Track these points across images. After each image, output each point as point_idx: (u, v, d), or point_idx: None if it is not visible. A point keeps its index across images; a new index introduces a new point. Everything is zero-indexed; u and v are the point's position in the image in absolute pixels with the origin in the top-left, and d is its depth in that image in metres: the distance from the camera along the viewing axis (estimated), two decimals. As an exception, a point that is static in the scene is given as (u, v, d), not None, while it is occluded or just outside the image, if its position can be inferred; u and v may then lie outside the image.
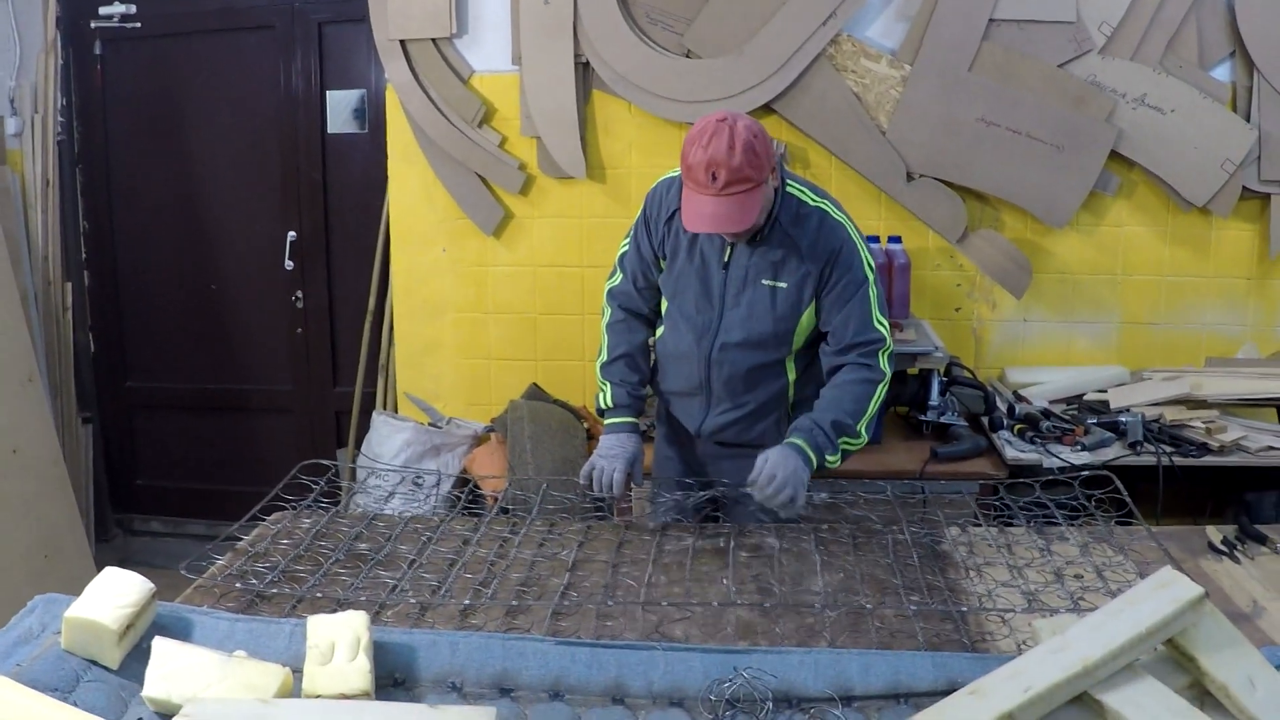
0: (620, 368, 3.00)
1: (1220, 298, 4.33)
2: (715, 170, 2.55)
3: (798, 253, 2.78)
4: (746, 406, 2.95)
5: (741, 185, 2.57)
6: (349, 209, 5.02)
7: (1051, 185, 4.15)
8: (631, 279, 3.02)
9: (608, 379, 3.00)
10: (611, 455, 2.87)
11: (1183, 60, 4.09)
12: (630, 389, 2.97)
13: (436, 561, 2.46)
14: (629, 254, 3.03)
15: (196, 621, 1.99)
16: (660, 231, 2.92)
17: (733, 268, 2.84)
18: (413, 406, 4.70)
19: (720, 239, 2.82)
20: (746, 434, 2.98)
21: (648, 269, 2.99)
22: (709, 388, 2.95)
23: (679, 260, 2.90)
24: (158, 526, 5.54)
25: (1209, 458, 3.62)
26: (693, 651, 1.92)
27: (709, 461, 3.09)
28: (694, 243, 2.87)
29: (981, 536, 2.60)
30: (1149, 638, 1.65)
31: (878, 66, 4.18)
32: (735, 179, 2.56)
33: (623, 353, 3.01)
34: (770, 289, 2.81)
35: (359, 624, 1.86)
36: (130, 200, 5.22)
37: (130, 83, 5.12)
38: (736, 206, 2.60)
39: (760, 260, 2.81)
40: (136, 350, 5.39)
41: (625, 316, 3.04)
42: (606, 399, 2.98)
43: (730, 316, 2.86)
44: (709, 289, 2.88)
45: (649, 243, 2.96)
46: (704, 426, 3.00)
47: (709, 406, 2.98)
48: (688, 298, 2.91)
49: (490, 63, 4.42)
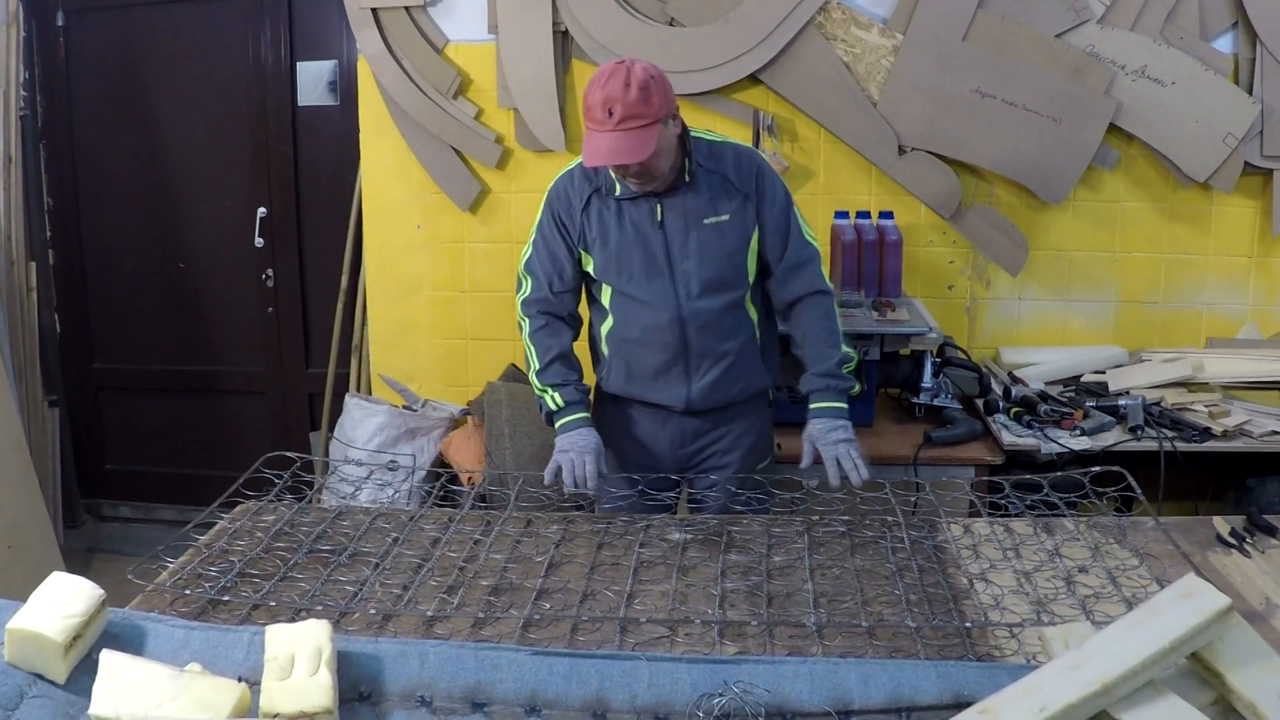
0: (558, 370, 2.94)
1: (1220, 276, 4.27)
2: (611, 106, 2.62)
3: (727, 183, 2.86)
4: (726, 359, 2.93)
5: (636, 121, 2.63)
6: (321, 184, 4.92)
7: (1048, 159, 4.06)
8: (546, 283, 2.96)
9: (547, 384, 2.94)
10: (578, 449, 2.84)
11: (1184, 31, 4.00)
12: (574, 386, 2.94)
13: (402, 566, 2.34)
14: (536, 259, 2.98)
15: (150, 630, 1.86)
16: (578, 222, 2.91)
17: (669, 223, 2.85)
18: (387, 388, 4.61)
19: (647, 202, 2.84)
20: (729, 392, 2.96)
21: (563, 269, 2.95)
22: (687, 351, 2.91)
23: (610, 240, 2.89)
24: (127, 512, 5.48)
25: (1212, 443, 3.53)
26: (679, 663, 1.79)
27: (686, 443, 3.05)
28: (621, 216, 2.87)
29: (986, 537, 2.49)
30: (1171, 652, 1.54)
31: (868, 35, 4.07)
32: (629, 114, 2.62)
33: (555, 354, 2.95)
34: (714, 225, 2.85)
35: (321, 634, 1.74)
36: (96, 176, 5.12)
37: (94, 55, 5.00)
38: (632, 140, 2.64)
39: (694, 203, 2.85)
40: (103, 331, 5.29)
41: (546, 321, 2.97)
42: (555, 401, 2.93)
43: (684, 268, 2.86)
44: (652, 253, 2.86)
45: (564, 239, 2.93)
46: (691, 396, 2.94)
47: (690, 374, 2.93)
48: (634, 270, 2.88)
49: (465, 31, 4.34)
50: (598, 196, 2.88)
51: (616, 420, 3.08)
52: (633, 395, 3.03)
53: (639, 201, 2.84)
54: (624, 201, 2.85)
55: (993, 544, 2.44)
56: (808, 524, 2.56)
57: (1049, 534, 2.47)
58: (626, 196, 2.84)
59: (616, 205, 2.86)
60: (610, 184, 2.85)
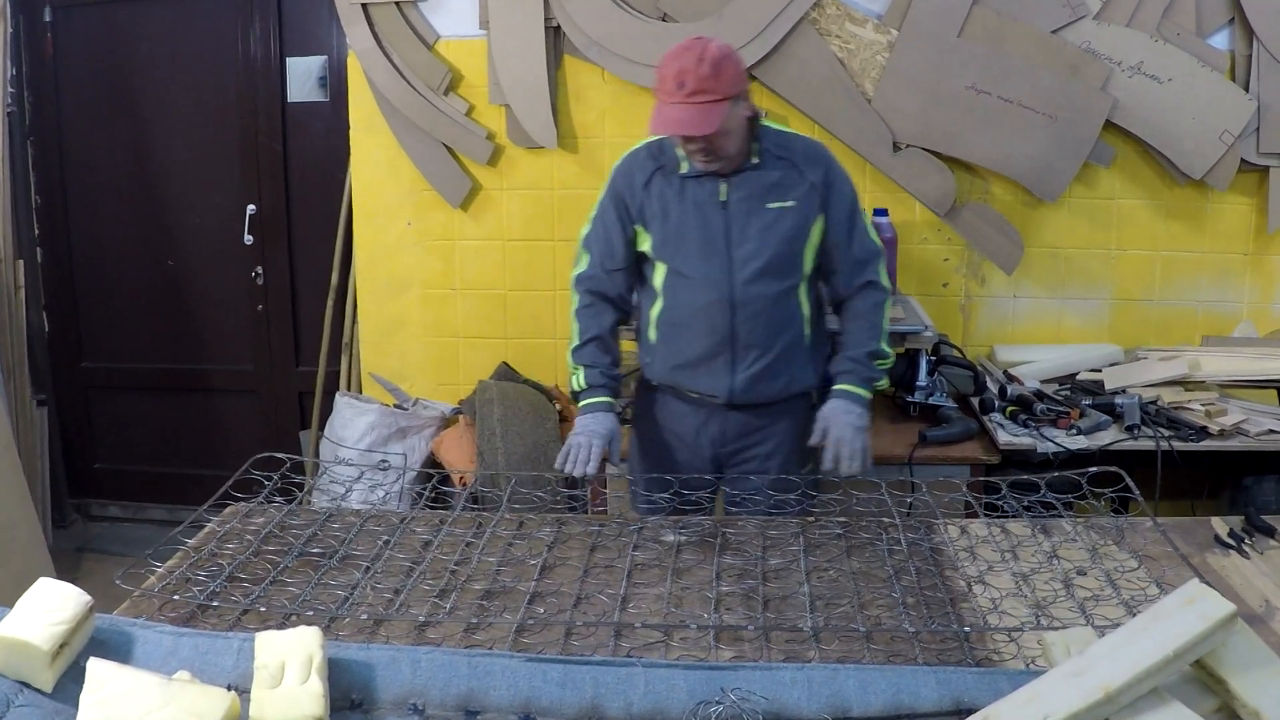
0: (591, 351, 2.97)
1: (1216, 274, 4.25)
2: (683, 78, 2.65)
3: (795, 169, 2.86)
4: (772, 350, 2.91)
5: (705, 95, 2.64)
6: (310, 181, 4.88)
7: (1044, 156, 4.04)
8: (600, 261, 2.98)
9: (579, 363, 2.98)
10: (590, 431, 2.85)
11: (1180, 27, 3.98)
12: (603, 370, 2.96)
13: (393, 569, 2.31)
14: (594, 234, 3.00)
15: (138, 636, 1.83)
16: (639, 198, 2.91)
17: (732, 204, 2.85)
18: (378, 387, 4.58)
19: (712, 182, 2.84)
20: (773, 386, 2.95)
21: (617, 247, 2.96)
22: (734, 338, 2.90)
23: (671, 217, 2.88)
24: (117, 512, 5.44)
25: (1208, 442, 3.51)
26: (675, 669, 1.76)
27: (727, 441, 3.03)
28: (684, 194, 2.87)
29: (983, 538, 2.46)
30: (1176, 660, 1.51)
31: (863, 31, 4.04)
32: (700, 88, 2.64)
33: (592, 336, 2.98)
34: (777, 210, 2.84)
35: (311, 641, 1.70)
36: (84, 174, 5.08)
37: (82, 51, 4.96)
38: (700, 113, 2.65)
39: (760, 186, 2.85)
40: (92, 329, 5.25)
41: (592, 301, 3.00)
42: (580, 381, 2.96)
43: (741, 251, 2.85)
44: (711, 233, 2.86)
45: (621, 219, 2.94)
46: (735, 386, 2.93)
47: (735, 362, 2.92)
48: (690, 250, 2.88)
49: (457, 27, 4.30)
50: (662, 174, 2.89)
51: (657, 413, 3.08)
52: (675, 384, 3.01)
53: (704, 180, 2.85)
54: (689, 179, 2.86)
55: (990, 545, 2.41)
56: (803, 525, 2.52)
57: (1046, 535, 2.45)
58: (692, 175, 2.85)
59: (680, 182, 2.87)
60: (676, 161, 2.87)
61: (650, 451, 3.11)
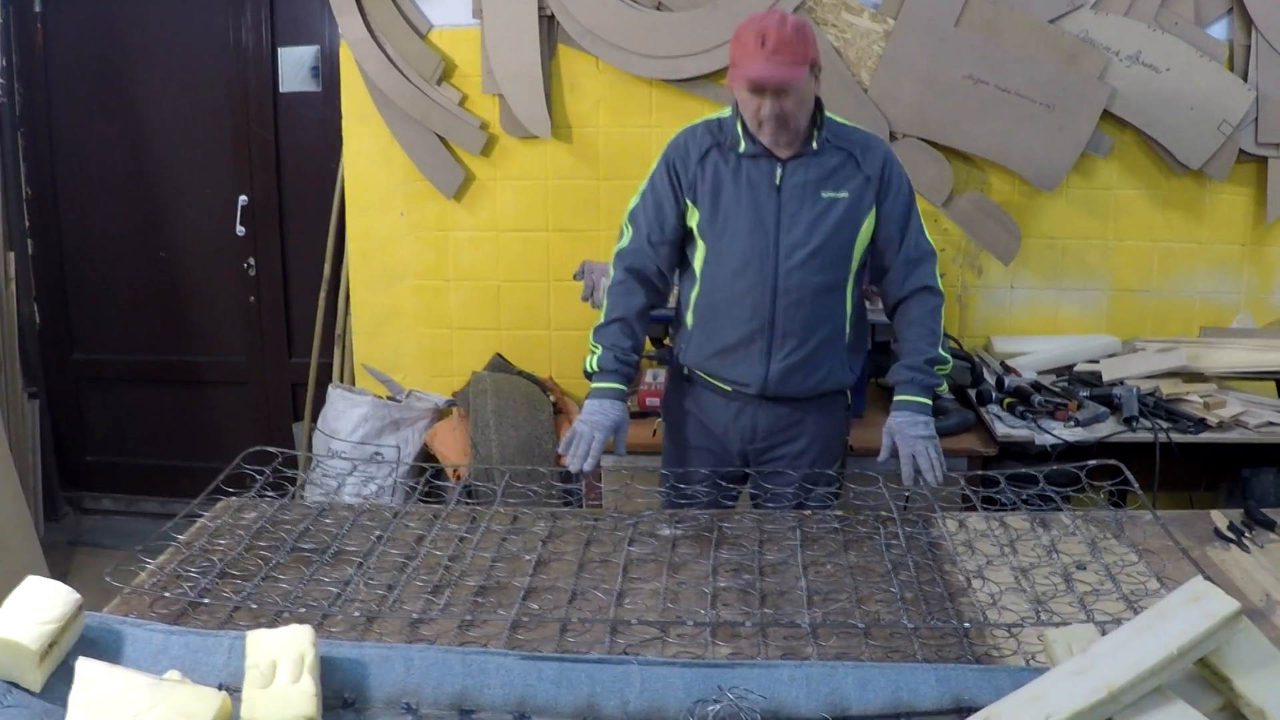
0: (613, 331, 2.92)
1: (1214, 264, 4.24)
2: (765, 36, 2.63)
3: (853, 159, 2.84)
4: (809, 343, 2.87)
5: (787, 55, 2.63)
6: (303, 172, 4.85)
7: (1041, 146, 4.02)
8: (646, 234, 2.93)
9: (599, 342, 2.93)
10: (593, 422, 2.81)
11: (1179, 17, 3.96)
12: (620, 354, 2.90)
13: (386, 565, 2.29)
14: (641, 208, 2.95)
15: (128, 634, 1.81)
16: (692, 172, 2.87)
17: (786, 189, 2.81)
18: (370, 378, 4.55)
19: (769, 164, 2.81)
20: (808, 381, 2.91)
21: (665, 220, 2.91)
22: (772, 325, 2.84)
23: (722, 195, 2.84)
24: (109, 504, 5.41)
25: (1207, 434, 3.50)
26: (672, 667, 1.74)
27: (757, 438, 2.99)
28: (739, 173, 2.83)
29: (981, 532, 2.45)
30: (1180, 658, 1.49)
31: (860, 20, 4.02)
32: (782, 47, 2.62)
33: (618, 316, 2.93)
34: (831, 200, 2.82)
35: (303, 640, 1.68)
36: (75, 165, 5.03)
37: (73, 41, 4.91)
38: (781, 69, 2.64)
39: (816, 173, 2.82)
40: (83, 321, 5.21)
41: (626, 278, 2.95)
42: (593, 363, 2.92)
43: (790, 237, 2.81)
44: (761, 215, 2.82)
45: (674, 189, 2.89)
46: (769, 376, 2.88)
47: (771, 351, 2.87)
48: (739, 229, 2.83)
49: (449, 16, 4.27)
50: (718, 150, 2.85)
51: (688, 405, 3.06)
52: (709, 372, 2.97)
53: (760, 161, 2.81)
54: (745, 159, 2.82)
55: (989, 539, 2.40)
56: (800, 519, 2.51)
57: (1045, 529, 2.43)
58: (749, 154, 2.81)
59: (737, 161, 2.83)
60: (735, 139, 2.83)
61: (678, 444, 3.08)
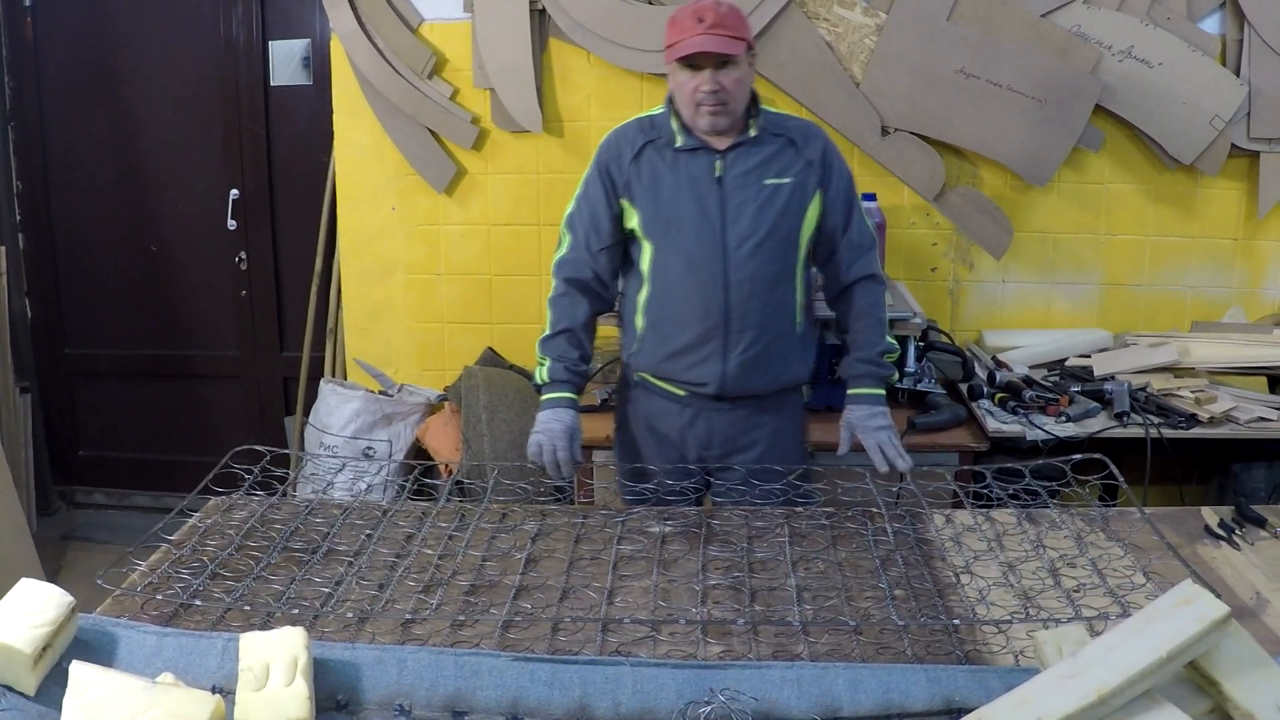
0: (560, 343, 2.91)
1: (1206, 259, 4.23)
2: (702, 14, 2.66)
3: (792, 145, 2.84)
4: (765, 336, 2.85)
5: (726, 30, 2.66)
6: (294, 165, 4.83)
7: (1033, 141, 4.01)
8: (584, 241, 2.91)
9: (546, 354, 2.92)
10: (549, 430, 2.81)
11: (1171, 11, 3.94)
12: (568, 364, 2.90)
13: (377, 564, 2.29)
14: (578, 214, 2.94)
15: (121, 637, 1.81)
16: (626, 172, 2.85)
17: (728, 180, 2.80)
18: (362, 373, 4.54)
19: (707, 156, 2.80)
20: (765, 376, 2.89)
21: (601, 225, 2.89)
22: (727, 320, 2.82)
23: (662, 192, 2.82)
24: (101, 499, 5.41)
25: (1198, 429, 3.49)
26: (664, 668, 1.75)
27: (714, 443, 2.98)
28: (677, 168, 2.82)
29: (969, 527, 2.45)
30: (1169, 662, 1.50)
31: (851, 14, 4.01)
32: (720, 23, 2.66)
33: (563, 328, 2.91)
34: (774, 186, 2.81)
35: (296, 642, 1.68)
36: (66, 159, 5.02)
37: (63, 35, 4.90)
38: (723, 42, 2.66)
39: (756, 160, 2.81)
40: (75, 316, 5.21)
41: (567, 289, 2.93)
42: (543, 374, 2.91)
43: (737, 228, 2.79)
44: (705, 209, 2.80)
45: (607, 192, 2.87)
46: (728, 373, 2.85)
47: (728, 347, 2.83)
48: (684, 225, 2.81)
49: (440, 10, 4.26)
50: (653, 147, 2.83)
51: (639, 413, 3.03)
52: (663, 375, 2.94)
53: (698, 154, 2.80)
54: (683, 153, 2.81)
55: (976, 534, 2.40)
56: (789, 515, 2.51)
57: (1033, 524, 2.44)
58: (686, 148, 2.80)
59: (674, 156, 2.81)
60: (670, 134, 2.81)
61: (630, 455, 3.05)
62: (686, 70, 2.70)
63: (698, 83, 2.68)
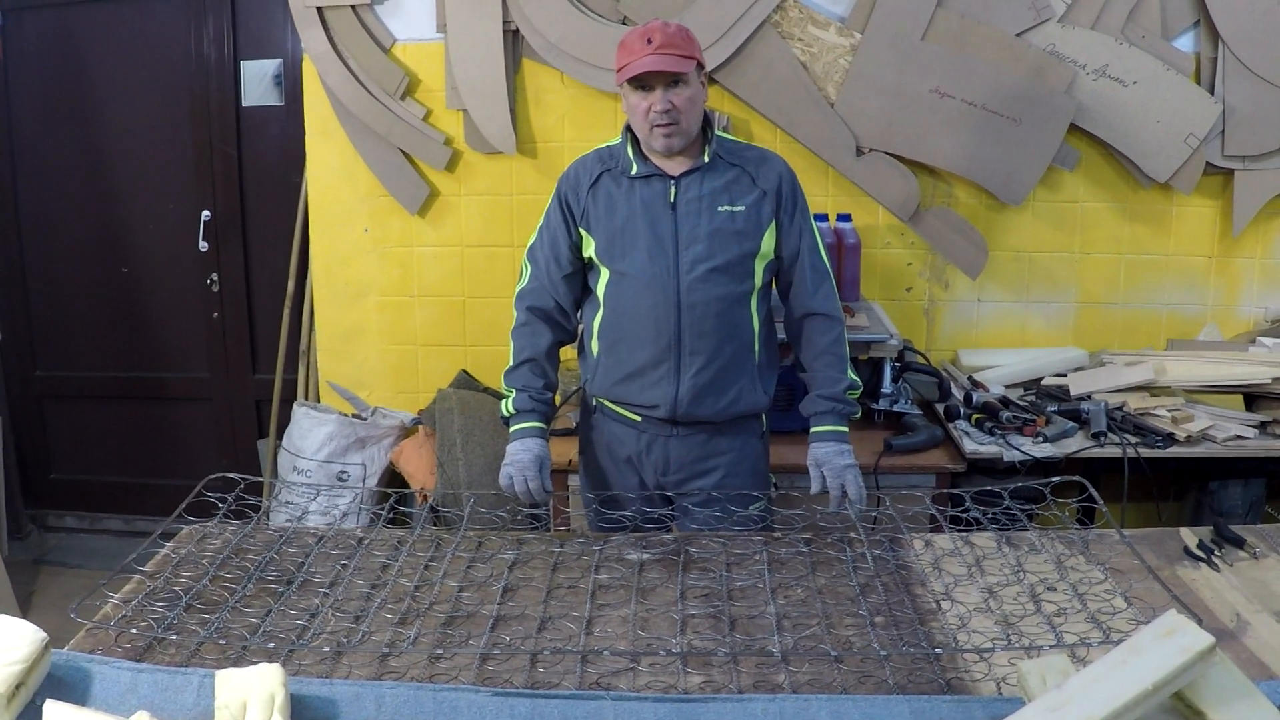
0: (524, 373, 2.94)
1: (1181, 277, 4.24)
2: (650, 36, 2.70)
3: (748, 175, 2.86)
4: (718, 361, 2.85)
5: (675, 50, 2.70)
6: (266, 186, 4.80)
7: (1008, 160, 4.01)
8: (545, 270, 2.94)
9: (511, 385, 2.95)
10: (518, 462, 2.85)
11: (1145, 30, 3.96)
12: (533, 394, 2.92)
13: (353, 594, 2.26)
14: (539, 244, 2.98)
15: (95, 673, 1.79)
16: (583, 201, 2.89)
17: (681, 205, 2.82)
18: (336, 395, 4.51)
19: (661, 182, 2.83)
20: (719, 401, 2.88)
21: (561, 254, 2.93)
22: (679, 342, 2.82)
23: (617, 216, 2.85)
24: (73, 522, 5.35)
25: (1175, 448, 3.49)
26: (644, 701, 1.74)
27: (670, 470, 2.97)
28: (632, 194, 2.85)
29: (948, 552, 2.44)
30: (1155, 693, 1.49)
31: (826, 34, 4.01)
32: (669, 44, 2.70)
33: (526, 358, 2.95)
34: (729, 214, 2.83)
35: (273, 679, 1.66)
36: (35, 180, 4.98)
37: (33, 55, 4.85)
38: (672, 61, 2.70)
39: (711, 188, 2.83)
40: (46, 338, 5.16)
41: (529, 319, 2.96)
42: (509, 406, 2.93)
43: (690, 252, 2.81)
44: (659, 233, 2.82)
45: (566, 221, 2.92)
46: (680, 396, 2.85)
47: (680, 370, 2.84)
48: (638, 249, 2.83)
49: (413, 31, 4.24)
50: (609, 175, 2.87)
51: (602, 439, 3.03)
52: (617, 399, 2.94)
53: (653, 181, 2.83)
54: (638, 180, 2.84)
55: (956, 559, 2.39)
56: (767, 541, 2.49)
57: (1013, 548, 2.42)
58: (642, 175, 2.83)
59: (629, 183, 2.85)
60: (626, 163, 2.85)
61: (595, 481, 3.06)
62: (638, 92, 2.75)
63: (650, 103, 2.72)
